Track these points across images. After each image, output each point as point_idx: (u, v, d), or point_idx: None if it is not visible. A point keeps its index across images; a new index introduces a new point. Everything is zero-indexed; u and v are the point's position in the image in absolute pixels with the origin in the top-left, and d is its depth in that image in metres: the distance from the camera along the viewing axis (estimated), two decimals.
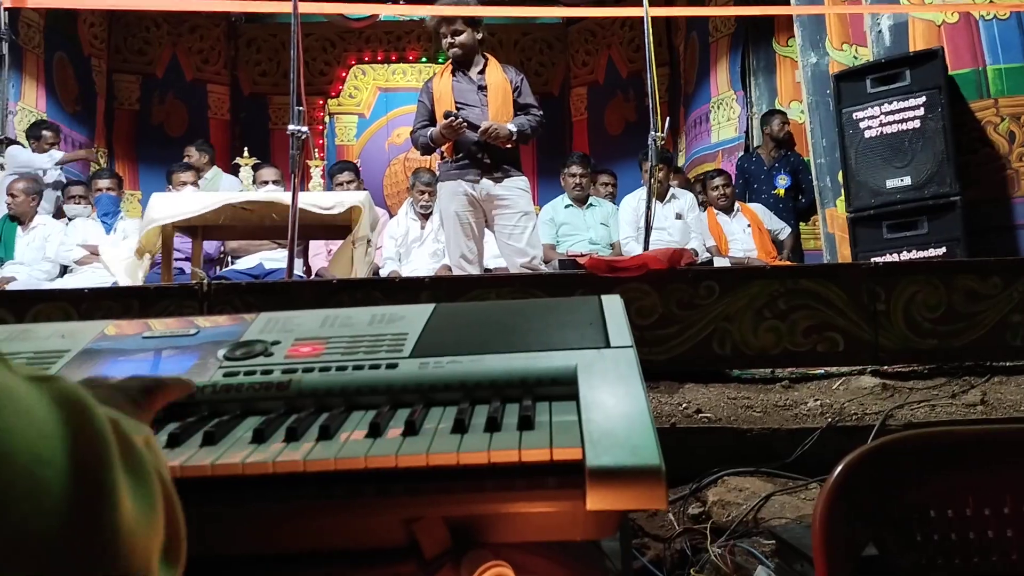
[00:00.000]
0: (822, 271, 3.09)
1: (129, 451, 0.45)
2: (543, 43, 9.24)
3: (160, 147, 8.03)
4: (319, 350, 1.03)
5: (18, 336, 1.11)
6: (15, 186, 5.17)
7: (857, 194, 4.69)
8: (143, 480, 0.46)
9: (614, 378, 0.91)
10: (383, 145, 8.87)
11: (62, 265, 5.25)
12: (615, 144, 8.43)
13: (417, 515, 0.77)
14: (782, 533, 1.60)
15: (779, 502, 2.08)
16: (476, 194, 3.91)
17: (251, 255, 5.24)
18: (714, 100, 7.27)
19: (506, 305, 1.19)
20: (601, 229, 5.58)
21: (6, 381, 0.39)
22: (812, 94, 5.38)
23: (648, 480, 0.74)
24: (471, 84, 3.95)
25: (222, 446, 0.82)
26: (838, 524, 0.89)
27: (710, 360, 2.93)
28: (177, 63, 8.68)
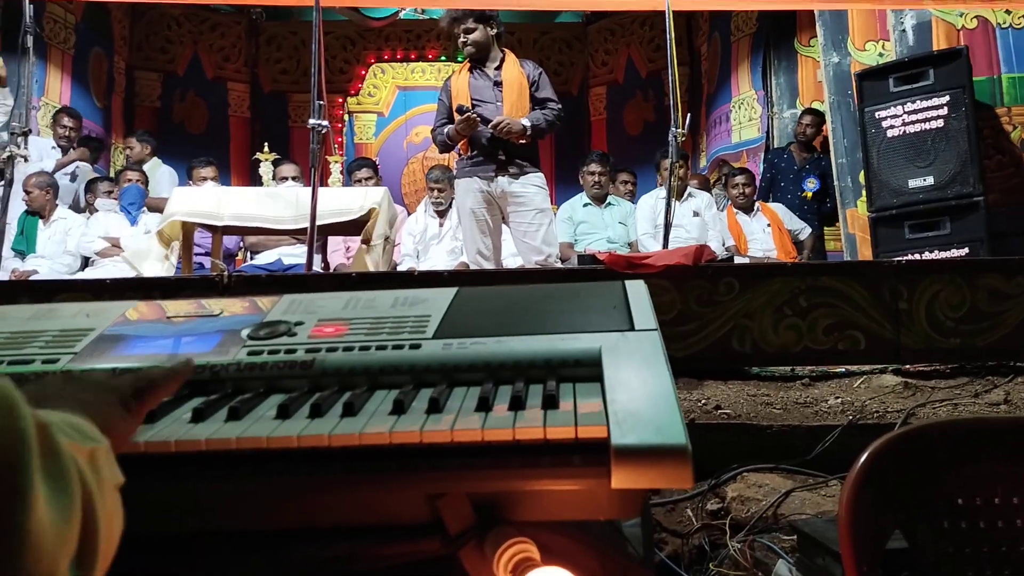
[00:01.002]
0: (844, 269, 3.07)
1: (52, 458, 0.45)
2: (562, 42, 9.23)
3: (181, 144, 8.07)
4: (342, 331, 1.02)
5: (44, 315, 1.12)
6: (28, 182, 5.21)
7: (879, 194, 4.65)
8: (63, 489, 0.45)
9: (639, 360, 0.90)
10: (402, 144, 8.88)
11: (84, 257, 5.29)
12: (634, 144, 8.40)
13: (441, 491, 0.77)
14: (803, 527, 1.58)
15: (799, 498, 2.06)
16: (492, 190, 3.90)
17: (270, 250, 5.27)
18: (735, 100, 7.24)
19: (529, 289, 1.19)
20: (619, 228, 5.56)
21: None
22: (834, 94, 5.35)
23: (674, 459, 0.73)
24: (487, 80, 3.95)
25: (247, 421, 0.82)
26: (865, 510, 0.88)
27: (729, 357, 2.91)
28: (198, 61, 8.73)
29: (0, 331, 1.07)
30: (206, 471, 0.79)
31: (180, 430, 0.80)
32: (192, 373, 0.84)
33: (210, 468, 0.79)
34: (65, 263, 5.20)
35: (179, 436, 0.79)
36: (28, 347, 1.03)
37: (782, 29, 6.71)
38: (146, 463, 0.79)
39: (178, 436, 0.79)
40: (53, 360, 1.00)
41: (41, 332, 1.07)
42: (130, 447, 0.75)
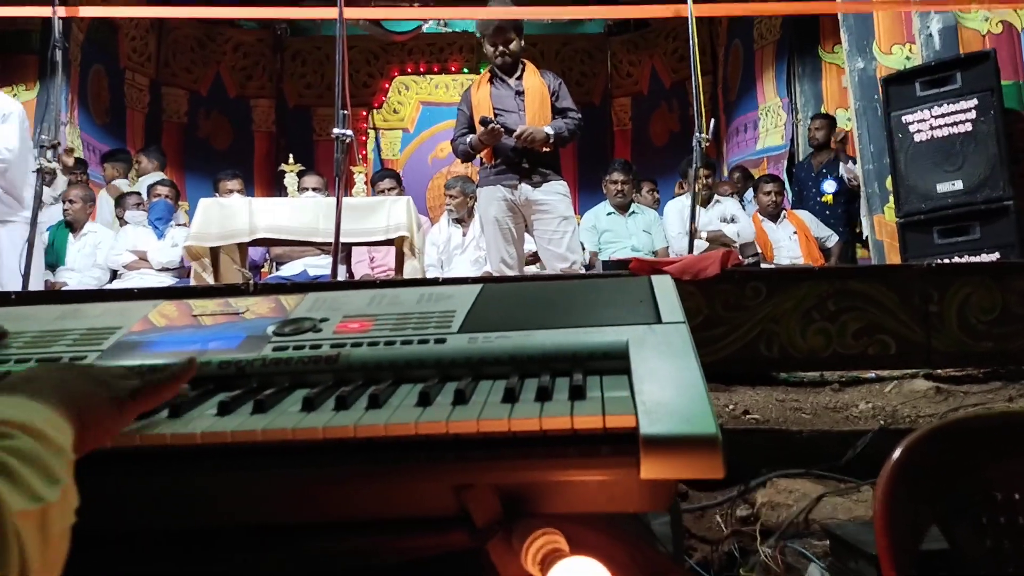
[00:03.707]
0: (872, 272, 3.03)
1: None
2: (584, 53, 9.25)
3: (206, 160, 8.20)
4: (367, 326, 1.02)
5: (71, 315, 1.13)
6: (73, 192, 5.32)
7: (907, 199, 4.59)
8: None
9: (667, 351, 0.89)
10: (426, 159, 8.95)
11: (112, 271, 5.35)
12: (659, 155, 8.39)
13: (467, 482, 0.76)
14: (836, 530, 1.55)
15: (831, 504, 2.02)
16: (515, 199, 3.90)
17: (295, 261, 5.31)
18: (762, 107, 7.21)
19: (554, 284, 1.18)
20: (644, 236, 5.54)
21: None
22: (859, 99, 5.30)
23: (704, 449, 0.71)
24: (509, 90, 3.96)
25: (272, 414, 0.82)
26: (901, 504, 0.86)
27: (757, 362, 2.88)
28: (220, 81, 8.88)
29: (29, 330, 1.07)
30: (232, 464, 0.78)
31: (206, 423, 0.80)
32: (195, 370, 0.85)
33: (236, 461, 0.78)
34: (94, 276, 5.26)
35: (205, 428, 0.78)
36: (55, 345, 1.04)
37: (805, 36, 6.68)
38: (172, 456, 0.79)
39: (204, 428, 0.78)
40: (80, 357, 1.00)
41: (68, 331, 1.08)
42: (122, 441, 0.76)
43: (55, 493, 0.55)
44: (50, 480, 0.55)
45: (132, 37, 8.08)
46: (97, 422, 0.69)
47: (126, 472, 0.77)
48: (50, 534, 0.54)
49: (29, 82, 6.40)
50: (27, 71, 6.40)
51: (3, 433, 0.56)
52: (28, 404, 0.62)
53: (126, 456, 0.78)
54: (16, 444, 0.55)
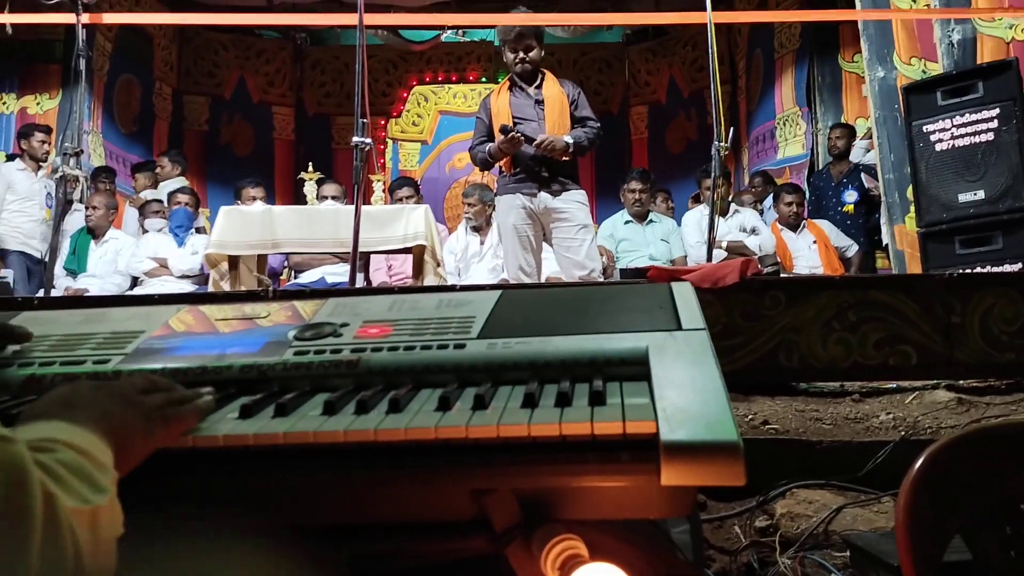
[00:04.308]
0: (894, 282, 3.00)
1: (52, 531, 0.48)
2: (602, 62, 9.26)
3: (228, 167, 8.27)
4: (387, 331, 1.03)
5: (95, 319, 1.14)
6: (96, 199, 5.39)
7: (928, 209, 4.55)
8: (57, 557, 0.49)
9: (688, 358, 0.89)
10: (444, 169, 8.99)
11: (132, 277, 5.40)
12: (676, 163, 8.38)
13: (487, 487, 0.76)
14: (857, 540, 1.54)
15: (851, 515, 2.01)
16: (534, 207, 3.90)
17: (313, 269, 5.33)
18: (779, 117, 7.18)
19: (573, 291, 1.18)
20: (661, 245, 5.53)
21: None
22: (880, 108, 5.26)
23: (725, 456, 0.71)
24: (528, 99, 3.96)
25: (294, 417, 0.82)
26: (923, 513, 0.85)
27: (776, 372, 2.86)
28: (244, 86, 8.95)
29: (54, 334, 1.09)
30: (253, 467, 0.79)
31: (228, 425, 0.81)
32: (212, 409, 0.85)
33: (257, 464, 0.79)
34: (115, 283, 5.31)
35: (227, 431, 0.79)
36: (80, 349, 1.05)
37: (825, 45, 6.66)
38: (193, 459, 0.79)
39: (226, 431, 0.79)
40: (104, 361, 1.01)
41: (93, 335, 1.09)
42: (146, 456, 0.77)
43: (103, 499, 0.56)
44: (96, 489, 0.56)
45: (163, 47, 8.18)
46: (131, 444, 0.70)
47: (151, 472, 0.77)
48: (101, 536, 0.55)
49: (52, 91, 6.49)
50: (50, 80, 6.49)
51: (47, 448, 0.57)
52: (69, 428, 0.63)
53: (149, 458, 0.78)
54: (61, 456, 0.56)
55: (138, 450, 0.73)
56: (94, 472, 0.58)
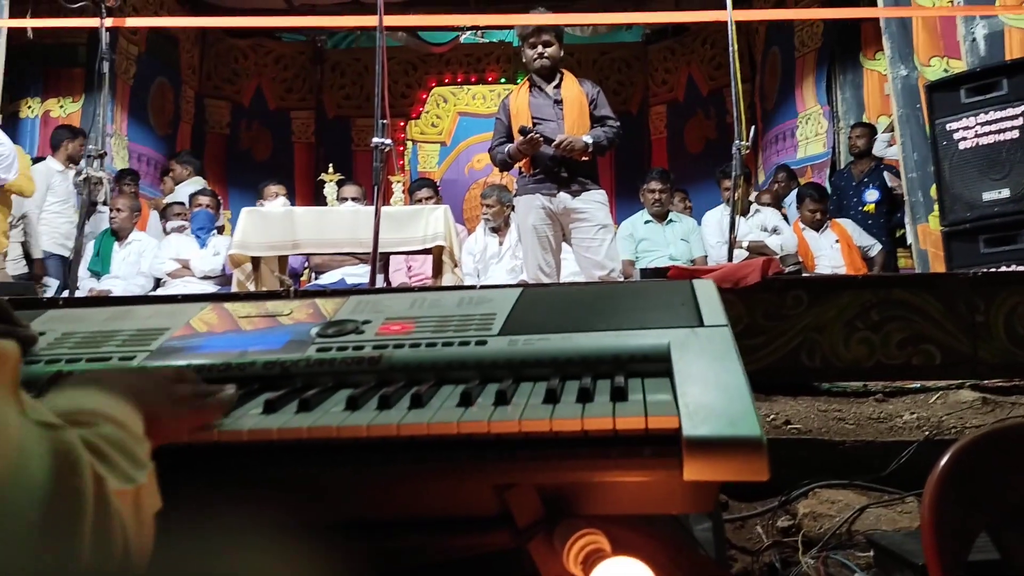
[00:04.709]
0: (917, 281, 2.97)
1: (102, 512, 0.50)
2: (621, 62, 9.25)
3: (248, 171, 8.34)
4: (409, 328, 1.03)
5: (120, 316, 1.15)
6: (120, 201, 5.45)
7: (952, 208, 4.50)
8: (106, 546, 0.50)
9: (710, 354, 0.88)
10: (463, 170, 9.01)
11: (155, 278, 5.45)
12: (695, 162, 8.35)
13: (509, 482, 0.76)
14: (880, 540, 1.53)
15: (874, 515, 1.99)
16: (553, 207, 3.90)
17: (334, 271, 5.36)
18: (801, 115, 7.14)
19: (595, 288, 1.18)
20: (681, 245, 5.50)
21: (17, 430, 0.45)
22: (902, 107, 5.22)
23: (748, 451, 0.71)
24: (547, 99, 3.96)
25: (317, 412, 0.83)
26: (949, 510, 0.84)
27: (798, 372, 2.83)
28: (262, 93, 9.04)
29: (80, 331, 1.10)
30: (277, 462, 0.79)
31: (252, 420, 0.81)
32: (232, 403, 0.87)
33: (279, 458, 0.79)
34: (138, 284, 5.36)
35: (252, 426, 0.80)
36: (105, 345, 1.06)
37: (847, 43, 6.61)
38: (220, 454, 0.80)
39: (251, 426, 0.80)
40: (129, 358, 1.02)
41: (118, 332, 1.10)
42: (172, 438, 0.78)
43: (144, 475, 0.57)
44: (137, 464, 0.57)
45: (187, 51, 8.27)
46: (160, 422, 0.71)
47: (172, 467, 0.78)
48: (143, 515, 0.56)
49: (75, 95, 6.57)
50: (73, 84, 6.57)
51: (88, 421, 0.58)
52: (102, 395, 0.65)
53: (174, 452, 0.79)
54: (102, 431, 0.57)
55: (165, 430, 0.74)
56: (134, 446, 0.59)
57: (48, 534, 0.44)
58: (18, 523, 0.42)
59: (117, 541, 0.50)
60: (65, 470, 0.47)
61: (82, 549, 0.46)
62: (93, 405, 0.61)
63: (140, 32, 7.20)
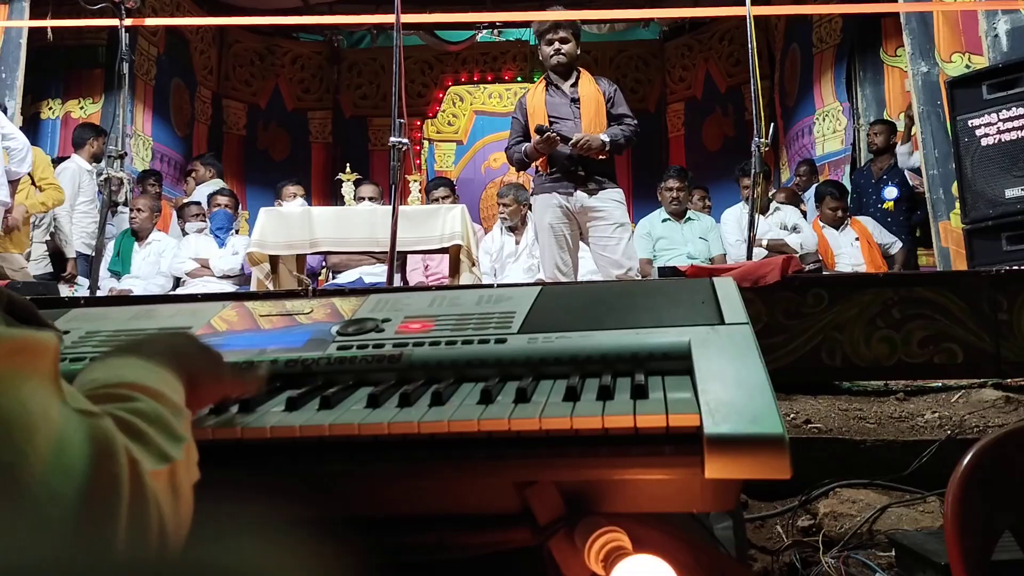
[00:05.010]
0: (939, 279, 2.94)
1: (138, 496, 0.50)
2: (639, 60, 9.22)
3: (265, 171, 8.39)
4: (428, 327, 1.03)
5: (143, 315, 1.16)
6: (140, 202, 5.49)
7: (974, 205, 4.46)
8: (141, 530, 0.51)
9: (731, 352, 0.88)
10: (480, 169, 9.02)
11: (175, 278, 5.50)
12: (713, 159, 8.31)
13: (530, 479, 0.76)
14: (902, 539, 1.51)
15: (895, 514, 1.97)
16: (570, 206, 3.89)
17: (351, 270, 5.37)
18: (819, 112, 7.08)
19: (614, 286, 1.18)
20: (700, 243, 5.48)
21: (56, 419, 0.46)
22: (923, 104, 5.18)
23: (770, 449, 0.71)
24: (564, 98, 3.95)
25: (338, 410, 0.83)
26: (972, 508, 0.83)
27: (819, 371, 2.82)
28: (279, 94, 9.09)
29: (103, 329, 1.11)
30: (298, 458, 0.80)
31: (275, 418, 0.82)
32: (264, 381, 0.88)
33: (302, 456, 0.80)
34: (158, 283, 5.41)
35: (274, 423, 0.80)
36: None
37: (867, 39, 6.55)
38: (241, 452, 0.81)
39: (273, 423, 0.80)
40: None
41: (141, 331, 1.11)
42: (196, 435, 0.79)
43: (180, 451, 0.58)
44: (173, 438, 0.58)
45: (201, 51, 8.32)
46: (202, 384, 0.72)
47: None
48: (180, 491, 0.57)
49: (95, 95, 6.63)
50: (93, 85, 6.64)
51: (124, 396, 0.59)
52: (142, 364, 0.65)
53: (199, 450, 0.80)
54: (138, 406, 0.58)
55: (208, 391, 0.75)
56: (171, 419, 0.60)
57: (86, 520, 0.45)
58: (58, 508, 0.44)
59: (153, 526, 0.51)
60: (103, 457, 0.48)
61: (118, 534, 0.47)
62: (132, 377, 0.62)
63: (159, 33, 7.26)
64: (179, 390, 0.66)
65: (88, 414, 0.49)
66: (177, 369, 0.69)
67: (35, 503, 0.42)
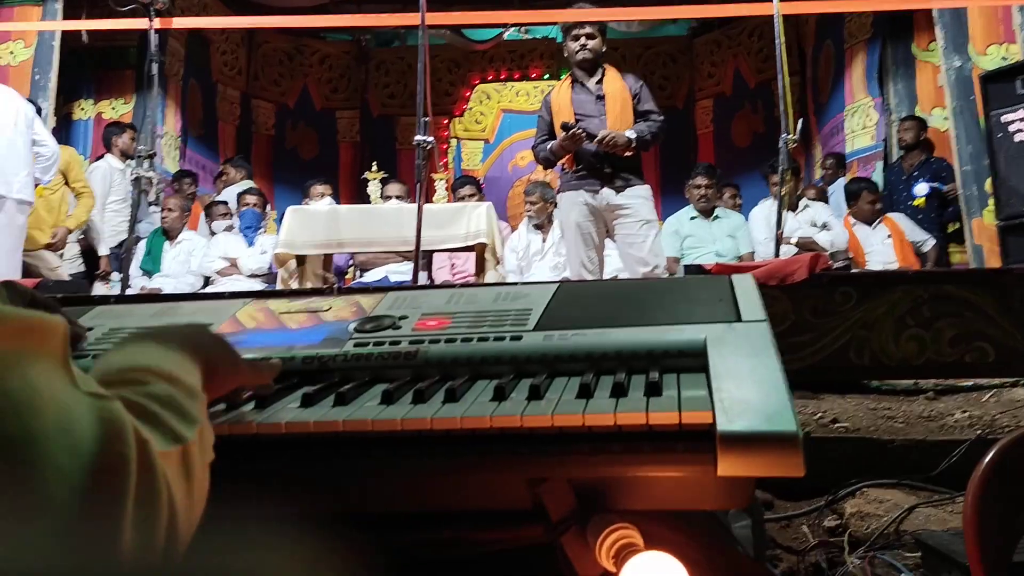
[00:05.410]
0: (970, 277, 2.90)
1: (146, 477, 0.50)
2: (667, 56, 9.17)
3: (294, 171, 8.46)
4: (445, 324, 1.04)
5: (166, 312, 1.18)
6: (171, 201, 5.58)
7: (1007, 202, 4.39)
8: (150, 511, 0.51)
9: (747, 349, 0.87)
10: (507, 167, 9.02)
11: (204, 277, 5.56)
12: (742, 156, 8.23)
13: (542, 475, 0.76)
14: (928, 540, 1.49)
15: (923, 514, 1.95)
16: (596, 204, 3.87)
17: (378, 268, 5.40)
18: (848, 108, 6.99)
19: (632, 283, 1.17)
20: (728, 241, 5.43)
21: (65, 401, 0.47)
22: (956, 99, 5.10)
23: (784, 446, 0.70)
24: (589, 95, 3.93)
25: (353, 406, 0.84)
26: (992, 509, 0.82)
27: (847, 370, 2.79)
28: (307, 94, 9.17)
29: (127, 326, 1.13)
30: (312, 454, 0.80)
31: (290, 414, 0.83)
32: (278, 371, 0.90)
33: (315, 452, 0.81)
34: (188, 282, 5.48)
35: (289, 419, 0.81)
36: None
37: (899, 33, 6.45)
38: (255, 446, 0.82)
39: (288, 419, 0.81)
40: None
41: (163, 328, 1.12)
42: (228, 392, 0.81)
43: (192, 432, 0.58)
44: (186, 420, 0.58)
45: (223, 51, 8.40)
46: (219, 370, 0.74)
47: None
48: (193, 472, 0.57)
49: (127, 96, 6.73)
50: (125, 85, 6.74)
51: (138, 379, 0.60)
52: (158, 349, 0.66)
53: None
54: (151, 389, 0.59)
55: (224, 378, 0.76)
56: (184, 402, 0.60)
57: (93, 498, 0.45)
58: (64, 486, 0.44)
59: (162, 506, 0.51)
60: (111, 437, 0.48)
61: (126, 514, 0.47)
62: (147, 361, 0.63)
63: (184, 34, 7.36)
64: (195, 373, 0.67)
65: (97, 396, 0.50)
66: (193, 354, 0.69)
67: (41, 481, 0.43)
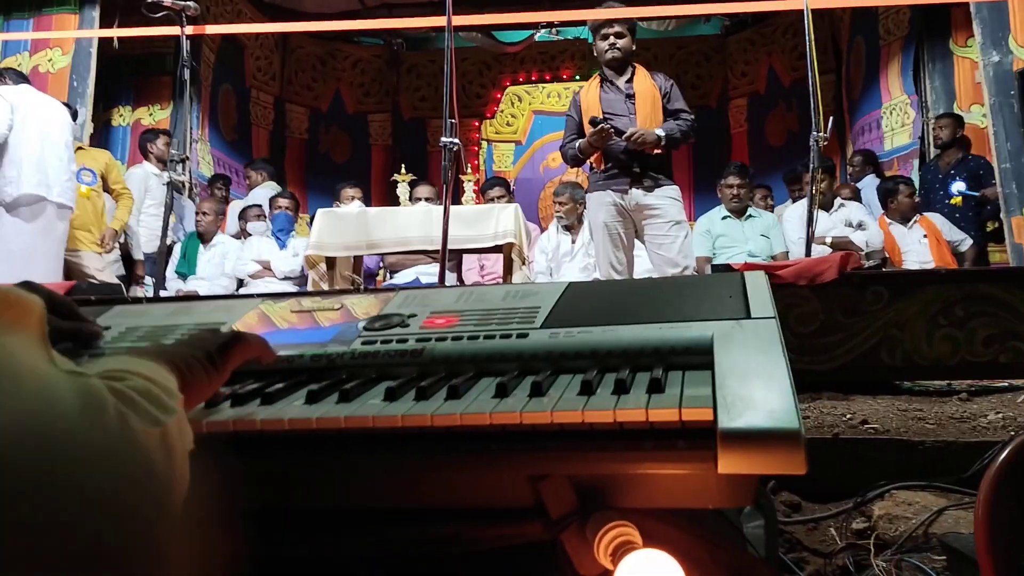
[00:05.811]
0: (1004, 275, 2.83)
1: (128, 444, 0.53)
2: (700, 55, 9.09)
3: (327, 174, 8.53)
4: (453, 322, 1.04)
5: (182, 311, 1.20)
6: (205, 205, 5.66)
7: None
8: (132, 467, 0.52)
9: (753, 346, 0.86)
10: (538, 168, 9.01)
11: (238, 279, 5.64)
12: (776, 155, 8.14)
13: (542, 472, 0.76)
14: (954, 543, 1.46)
15: (953, 517, 1.91)
16: (625, 204, 3.85)
17: (408, 269, 5.43)
18: (886, 106, 6.88)
19: (643, 282, 1.16)
20: (761, 241, 5.37)
21: (44, 372, 0.48)
22: (995, 95, 4.99)
23: (785, 444, 0.69)
24: (619, 94, 3.91)
25: (356, 403, 0.84)
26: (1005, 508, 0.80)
27: (878, 370, 2.74)
28: (340, 98, 9.25)
29: (143, 325, 1.15)
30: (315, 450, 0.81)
31: (294, 411, 0.83)
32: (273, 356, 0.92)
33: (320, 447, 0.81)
34: (222, 285, 5.56)
35: (293, 415, 0.81)
36: (166, 339, 1.10)
37: (935, 30, 6.34)
38: (262, 442, 0.82)
39: (292, 415, 0.81)
40: None
41: (179, 326, 1.14)
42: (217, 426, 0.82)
43: (171, 418, 0.60)
44: (163, 409, 0.60)
45: (257, 56, 8.51)
46: (195, 375, 0.75)
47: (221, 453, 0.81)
48: (174, 451, 0.59)
49: (164, 102, 6.85)
50: (162, 92, 6.86)
51: (118, 376, 0.62)
52: (134, 358, 0.69)
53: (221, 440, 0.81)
54: (130, 383, 0.61)
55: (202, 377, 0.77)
56: (161, 395, 0.62)
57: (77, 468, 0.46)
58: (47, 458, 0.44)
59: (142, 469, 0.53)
60: (92, 408, 0.50)
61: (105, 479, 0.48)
62: (124, 365, 0.65)
63: (216, 39, 7.46)
64: (171, 379, 0.69)
65: (76, 374, 0.51)
66: (169, 364, 0.72)
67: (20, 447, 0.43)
